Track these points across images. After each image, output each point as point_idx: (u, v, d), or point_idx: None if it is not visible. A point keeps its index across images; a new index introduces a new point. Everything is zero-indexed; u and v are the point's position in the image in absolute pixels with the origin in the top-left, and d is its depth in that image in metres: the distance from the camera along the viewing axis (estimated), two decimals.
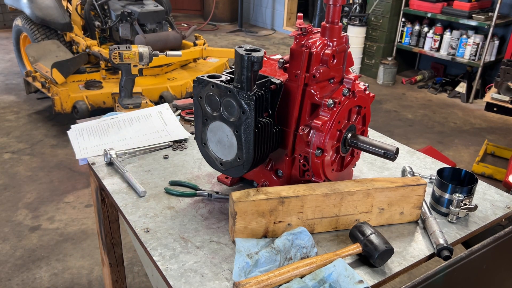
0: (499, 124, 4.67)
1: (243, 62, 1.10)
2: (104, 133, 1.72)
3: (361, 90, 1.31)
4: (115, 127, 1.76)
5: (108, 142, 1.66)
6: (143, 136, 1.71)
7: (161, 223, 1.25)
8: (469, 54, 5.13)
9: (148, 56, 2.46)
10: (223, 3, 8.23)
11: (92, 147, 1.63)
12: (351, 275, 1.03)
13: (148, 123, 1.80)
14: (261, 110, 1.17)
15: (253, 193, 1.15)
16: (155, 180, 1.46)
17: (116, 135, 1.71)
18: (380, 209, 1.26)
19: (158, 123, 1.80)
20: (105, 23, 4.55)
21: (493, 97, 3.60)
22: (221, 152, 1.25)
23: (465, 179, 1.39)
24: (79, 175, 3.34)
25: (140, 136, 1.71)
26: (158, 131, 1.75)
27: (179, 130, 1.76)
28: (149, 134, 1.73)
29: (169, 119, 1.82)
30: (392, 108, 4.94)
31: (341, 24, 1.24)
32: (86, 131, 1.72)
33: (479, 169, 3.62)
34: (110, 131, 1.73)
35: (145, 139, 1.70)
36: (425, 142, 4.15)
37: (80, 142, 1.66)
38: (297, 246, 1.13)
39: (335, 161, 1.31)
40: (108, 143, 1.65)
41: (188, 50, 4.52)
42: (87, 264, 2.55)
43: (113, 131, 1.73)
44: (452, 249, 1.16)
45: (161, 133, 1.74)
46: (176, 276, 1.07)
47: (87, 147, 1.64)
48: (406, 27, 5.59)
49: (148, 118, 1.82)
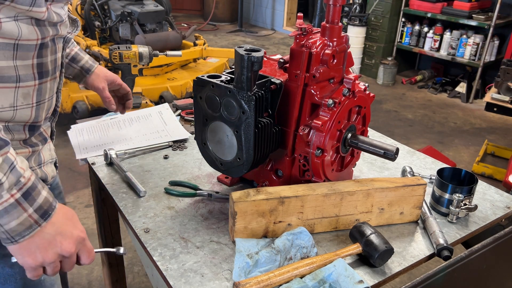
0: (499, 124, 4.67)
1: (243, 62, 1.10)
2: (104, 133, 1.72)
3: (361, 90, 1.31)
4: (115, 127, 1.76)
5: (108, 142, 1.66)
6: (143, 136, 1.71)
7: (161, 223, 1.25)
8: (469, 54, 5.13)
9: (148, 56, 2.46)
10: (223, 3, 8.23)
11: (92, 147, 1.63)
12: (351, 275, 1.03)
13: (148, 123, 1.80)
14: (261, 110, 1.17)
15: (253, 193, 1.15)
16: (155, 180, 1.46)
17: (116, 136, 1.71)
18: (380, 209, 1.26)
19: (158, 123, 1.80)
20: (105, 23, 4.55)
21: (493, 97, 3.60)
22: (221, 152, 1.25)
23: (465, 179, 1.39)
24: (79, 175, 3.34)
25: (140, 136, 1.71)
26: (158, 131, 1.75)
27: (179, 130, 1.76)
28: (149, 134, 1.73)
29: (169, 119, 1.82)
30: (392, 108, 4.94)
31: (341, 24, 1.24)
32: (86, 131, 1.72)
33: (479, 169, 3.62)
34: (110, 131, 1.73)
35: (145, 139, 1.69)
36: (425, 142, 4.15)
37: (80, 142, 1.66)
38: (297, 246, 1.13)
39: (335, 161, 1.31)
40: (108, 143, 1.65)
41: (188, 50, 4.52)
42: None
43: (113, 131, 1.73)
44: (452, 249, 1.16)
45: (161, 133, 1.73)
46: (176, 276, 1.07)
47: (87, 147, 1.64)
48: (406, 27, 5.59)
49: (148, 118, 1.82)
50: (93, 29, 4.51)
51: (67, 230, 0.91)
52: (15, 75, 0.92)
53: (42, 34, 0.94)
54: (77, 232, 0.93)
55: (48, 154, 1.14)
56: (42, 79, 0.99)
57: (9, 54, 0.89)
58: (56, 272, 0.94)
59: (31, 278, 0.92)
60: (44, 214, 0.87)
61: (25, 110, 0.98)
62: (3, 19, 0.86)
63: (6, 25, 0.86)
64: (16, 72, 0.92)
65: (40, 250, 0.88)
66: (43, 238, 0.88)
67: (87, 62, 1.50)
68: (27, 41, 0.91)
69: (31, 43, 0.92)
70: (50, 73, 1.02)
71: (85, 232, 0.96)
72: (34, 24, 0.91)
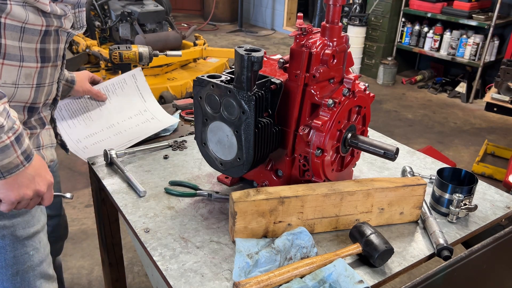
0: (499, 124, 4.67)
1: (243, 62, 1.10)
2: (88, 116, 1.75)
3: (361, 90, 1.31)
4: (94, 103, 1.79)
5: (98, 131, 1.70)
6: (129, 120, 1.73)
7: (161, 223, 1.25)
8: (469, 54, 5.12)
9: (148, 56, 2.46)
10: (223, 3, 8.23)
11: (84, 138, 1.68)
12: (351, 275, 1.03)
13: (126, 96, 1.82)
14: (261, 110, 1.17)
15: (253, 193, 1.15)
16: (155, 180, 1.46)
17: (101, 119, 1.74)
18: (380, 209, 1.26)
19: (136, 97, 1.83)
20: (105, 23, 4.55)
21: (493, 97, 3.60)
22: (221, 152, 1.25)
23: (465, 179, 1.39)
24: (79, 175, 3.34)
25: (126, 120, 1.75)
26: (141, 112, 1.79)
27: (164, 114, 1.81)
28: (135, 117, 1.78)
29: (143, 86, 1.86)
30: (392, 108, 4.94)
31: (341, 24, 1.24)
32: (67, 114, 1.73)
33: (479, 169, 3.62)
34: (91, 110, 1.76)
35: (134, 125, 1.73)
36: (425, 142, 4.15)
37: (68, 133, 1.69)
38: (297, 246, 1.13)
39: (335, 161, 1.31)
40: (98, 132, 1.70)
41: (188, 50, 4.52)
42: (87, 264, 2.55)
43: (95, 113, 1.76)
44: (452, 249, 1.16)
45: (150, 120, 1.78)
46: (176, 276, 1.07)
47: (79, 139, 1.68)
48: (406, 27, 5.59)
49: (124, 88, 1.84)
50: (93, 29, 4.51)
51: (43, 174, 1.09)
52: (19, 55, 1.04)
53: (47, 22, 1.06)
54: (49, 177, 1.11)
55: (48, 139, 1.27)
56: (44, 63, 1.11)
57: (16, 36, 1.02)
58: (27, 207, 1.10)
59: (4, 211, 1.07)
60: (27, 157, 1.03)
61: (25, 89, 1.10)
62: (13, 2, 0.98)
63: (15, 8, 0.98)
64: (20, 52, 1.04)
65: (21, 187, 1.04)
66: (25, 177, 1.04)
67: (68, 75, 1.63)
68: (33, 26, 1.04)
69: (36, 27, 1.05)
70: (52, 60, 1.14)
71: (53, 178, 1.13)
72: (40, 13, 1.04)
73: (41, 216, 1.25)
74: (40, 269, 1.25)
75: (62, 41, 1.16)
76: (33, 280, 1.24)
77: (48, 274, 1.29)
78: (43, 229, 1.27)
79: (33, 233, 1.21)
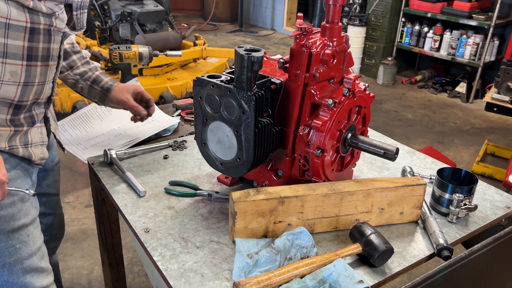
0: (499, 124, 4.67)
1: (243, 62, 1.10)
2: (89, 126, 1.78)
3: (361, 90, 1.31)
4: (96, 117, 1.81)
5: (99, 135, 1.72)
6: (129, 123, 1.73)
7: (161, 223, 1.25)
8: (469, 54, 5.12)
9: (148, 56, 2.46)
10: (223, 3, 8.23)
11: (85, 141, 1.69)
12: (351, 275, 1.03)
13: None
14: (261, 110, 1.17)
15: (253, 193, 1.15)
16: (155, 180, 1.46)
17: (102, 126, 1.76)
18: (380, 209, 1.26)
19: None
20: (105, 23, 4.55)
21: (493, 97, 3.60)
22: (221, 152, 1.25)
23: (465, 179, 1.39)
24: (79, 175, 3.34)
25: (126, 124, 1.77)
26: None
27: (164, 116, 1.83)
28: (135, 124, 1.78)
29: None
30: (392, 108, 4.94)
31: (341, 24, 1.24)
32: (68, 126, 1.76)
33: (479, 169, 3.62)
34: (93, 122, 1.79)
35: (135, 126, 1.74)
36: (425, 142, 4.15)
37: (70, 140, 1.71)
38: (297, 246, 1.13)
39: (335, 161, 1.31)
40: (99, 135, 1.71)
41: (188, 50, 4.52)
42: (87, 264, 2.55)
43: (96, 122, 1.80)
44: (452, 249, 1.16)
45: (151, 122, 1.80)
46: (176, 276, 1.07)
47: (80, 142, 1.69)
48: (406, 27, 5.59)
49: None
50: (93, 29, 4.51)
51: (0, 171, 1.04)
52: (3, 51, 1.04)
53: (32, 19, 1.05)
54: (1, 175, 1.05)
55: (39, 137, 1.25)
56: (31, 62, 1.10)
57: (1, 32, 1.01)
58: None
59: None
60: None
61: (11, 86, 1.09)
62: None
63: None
64: (4, 49, 1.04)
65: None
66: None
67: (107, 83, 1.58)
68: (17, 22, 1.03)
69: (20, 24, 1.04)
70: (41, 59, 1.12)
71: (6, 175, 1.08)
72: (25, 9, 1.03)
73: (30, 210, 1.23)
74: (29, 262, 1.23)
75: (56, 41, 1.14)
76: (22, 273, 1.22)
77: (40, 267, 1.27)
78: (33, 222, 1.24)
79: (19, 226, 1.19)
